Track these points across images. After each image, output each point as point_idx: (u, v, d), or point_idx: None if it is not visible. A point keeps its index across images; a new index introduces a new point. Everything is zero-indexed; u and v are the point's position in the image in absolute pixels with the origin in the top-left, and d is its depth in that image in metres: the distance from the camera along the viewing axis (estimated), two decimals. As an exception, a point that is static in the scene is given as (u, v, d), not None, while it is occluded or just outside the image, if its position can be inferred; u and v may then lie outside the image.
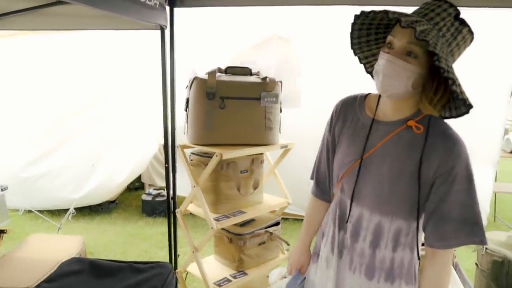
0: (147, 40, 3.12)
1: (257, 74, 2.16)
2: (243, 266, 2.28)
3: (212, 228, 2.00)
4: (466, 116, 1.01)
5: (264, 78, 2.09)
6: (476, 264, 2.52)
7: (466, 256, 3.19)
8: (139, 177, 5.01)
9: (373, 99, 1.19)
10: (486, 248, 2.40)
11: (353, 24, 1.08)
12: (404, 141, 1.08)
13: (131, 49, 3.81)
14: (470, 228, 1.03)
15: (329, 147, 1.29)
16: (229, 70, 2.11)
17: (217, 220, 2.05)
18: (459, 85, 0.96)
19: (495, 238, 2.55)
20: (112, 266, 1.81)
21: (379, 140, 1.11)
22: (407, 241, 1.12)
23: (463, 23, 0.98)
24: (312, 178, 1.42)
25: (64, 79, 3.93)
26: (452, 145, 1.03)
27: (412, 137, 1.07)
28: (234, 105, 2.03)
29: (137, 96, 3.94)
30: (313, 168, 1.41)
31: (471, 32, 1.00)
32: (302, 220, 4.72)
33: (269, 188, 2.49)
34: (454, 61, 1.02)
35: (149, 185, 5.08)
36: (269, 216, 2.46)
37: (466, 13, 1.02)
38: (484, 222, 3.99)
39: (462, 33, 0.99)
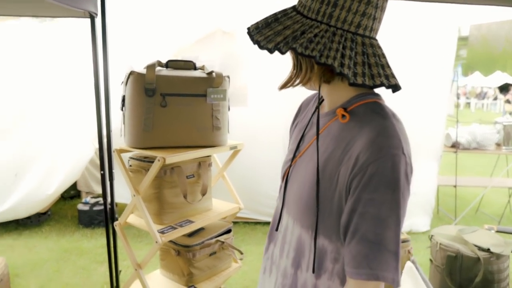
0: (80, 30, 2.80)
1: (202, 68, 1.95)
2: (193, 280, 2.07)
3: (156, 242, 1.77)
4: (411, 114, 0.84)
5: (210, 73, 1.90)
6: (431, 260, 2.51)
7: (416, 251, 3.22)
8: (75, 185, 4.58)
9: None
10: (440, 244, 2.39)
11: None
12: (332, 135, 0.88)
13: (62, 41, 3.42)
14: (383, 256, 0.76)
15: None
16: (171, 64, 1.89)
17: (162, 232, 1.82)
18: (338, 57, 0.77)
19: (445, 232, 2.56)
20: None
21: (314, 135, 0.95)
22: (336, 269, 0.86)
23: None
24: None
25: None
26: (374, 135, 0.78)
27: (340, 129, 0.86)
28: (177, 103, 1.81)
29: (68, 94, 3.54)
30: None
31: None
32: (252, 223, 4.55)
33: (217, 192, 2.29)
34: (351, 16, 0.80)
35: (87, 192, 4.66)
36: (220, 223, 2.27)
37: (407, 8, 0.90)
38: (430, 214, 4.10)
39: None
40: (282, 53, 0.79)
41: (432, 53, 3.73)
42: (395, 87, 0.81)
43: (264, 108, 3.81)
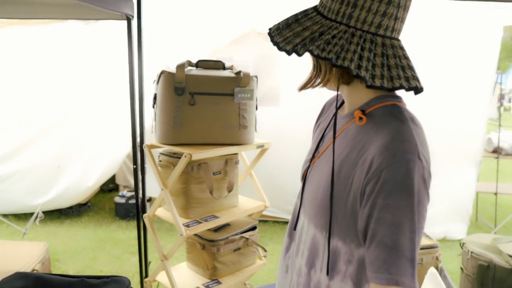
0: (118, 32, 2.95)
1: (231, 68, 2.00)
2: (216, 274, 2.13)
3: (181, 235, 1.84)
4: (449, 116, 0.81)
5: (238, 73, 1.94)
6: (461, 268, 2.43)
7: (450, 259, 3.12)
8: (114, 178, 4.79)
9: None
10: (471, 252, 2.30)
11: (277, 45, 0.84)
12: (348, 137, 0.87)
13: (101, 42, 3.61)
14: (401, 261, 0.74)
15: None
16: (200, 64, 1.95)
17: (187, 226, 1.89)
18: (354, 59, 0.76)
19: (479, 241, 2.46)
20: (61, 282, 1.61)
21: (332, 137, 0.94)
22: (349, 271, 0.86)
23: None
24: None
25: (29, 76, 3.69)
26: (389, 139, 0.77)
27: (356, 132, 0.86)
28: (205, 102, 1.88)
29: (108, 93, 3.73)
30: None
31: None
32: (281, 222, 4.56)
33: (245, 190, 2.34)
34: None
35: (124, 186, 4.86)
36: (245, 220, 2.31)
37: (447, 7, 0.87)
38: (466, 222, 3.94)
39: None
40: (299, 55, 0.79)
41: (473, 55, 3.58)
42: (416, 90, 0.79)
43: (295, 108, 3.81)
